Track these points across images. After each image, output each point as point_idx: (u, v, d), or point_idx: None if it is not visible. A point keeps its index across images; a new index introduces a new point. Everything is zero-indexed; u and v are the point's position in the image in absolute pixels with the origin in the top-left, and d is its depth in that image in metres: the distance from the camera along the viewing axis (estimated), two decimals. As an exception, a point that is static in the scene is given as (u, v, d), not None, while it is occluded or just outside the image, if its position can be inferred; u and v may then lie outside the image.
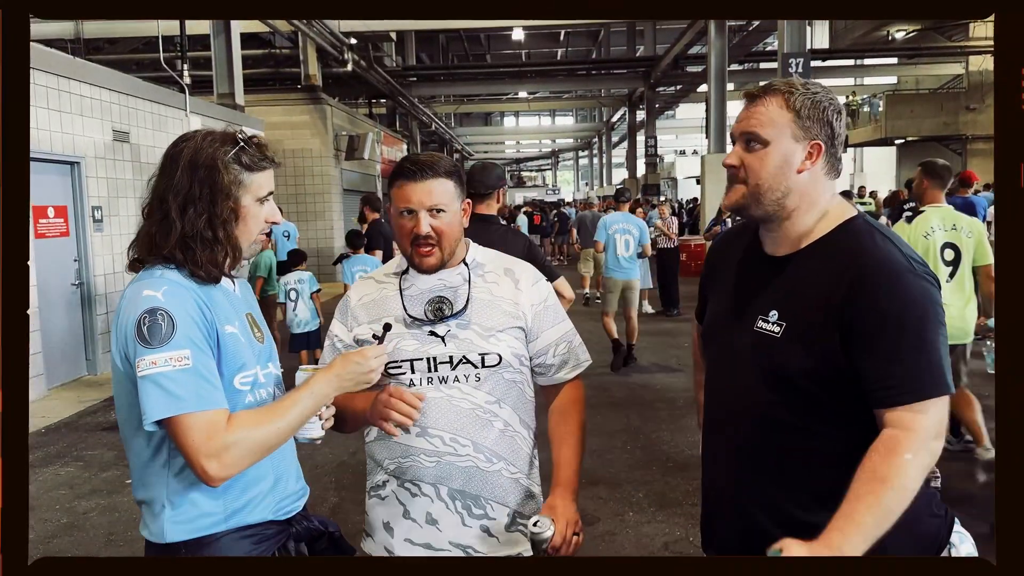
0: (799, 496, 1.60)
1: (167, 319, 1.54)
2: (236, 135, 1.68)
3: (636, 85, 27.01)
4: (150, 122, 9.84)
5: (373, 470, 2.02)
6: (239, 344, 1.67)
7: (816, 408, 1.59)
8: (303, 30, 14.42)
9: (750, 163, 1.63)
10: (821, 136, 1.61)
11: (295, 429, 1.65)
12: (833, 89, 1.67)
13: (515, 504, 1.95)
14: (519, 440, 1.96)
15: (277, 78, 18.19)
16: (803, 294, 1.60)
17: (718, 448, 1.78)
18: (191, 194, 1.62)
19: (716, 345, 1.82)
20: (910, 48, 24.55)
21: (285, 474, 1.76)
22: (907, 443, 1.47)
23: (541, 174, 63.27)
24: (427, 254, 1.91)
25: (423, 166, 1.89)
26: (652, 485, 4.87)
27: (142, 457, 1.64)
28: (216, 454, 1.50)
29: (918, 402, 1.49)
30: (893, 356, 1.50)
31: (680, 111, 40.25)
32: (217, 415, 1.53)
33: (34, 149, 7.48)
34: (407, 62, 25.59)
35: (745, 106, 1.67)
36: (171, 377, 1.51)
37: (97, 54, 16.30)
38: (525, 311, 1.96)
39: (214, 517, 1.63)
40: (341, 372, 1.70)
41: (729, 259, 1.83)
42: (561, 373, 2.02)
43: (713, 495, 1.82)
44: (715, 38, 16.81)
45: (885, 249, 1.57)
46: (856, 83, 29.65)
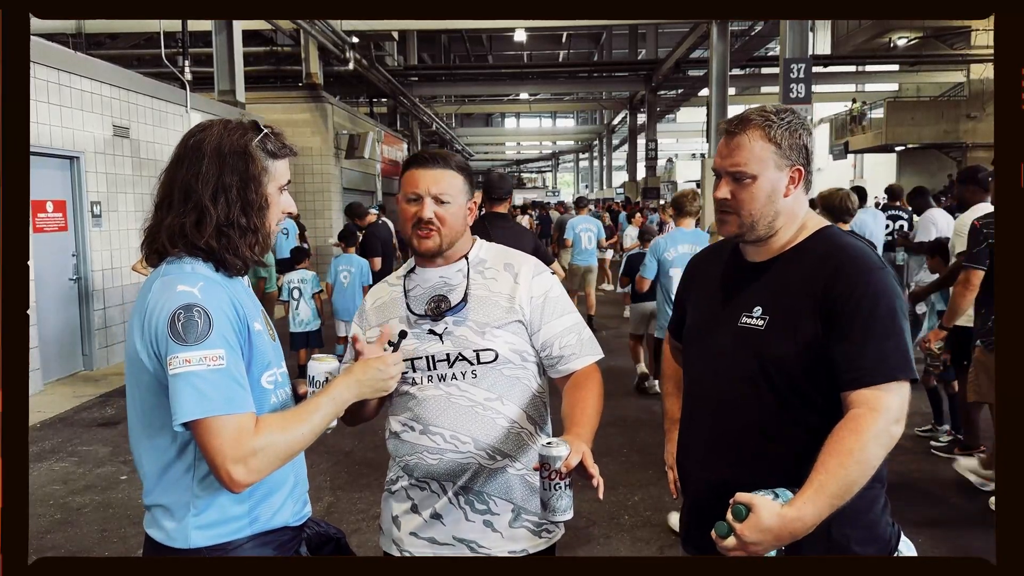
0: (774, 485, 1.62)
1: (204, 316, 1.49)
2: (257, 123, 1.65)
3: (637, 88, 27.02)
4: (150, 118, 9.83)
5: (391, 465, 2.06)
6: (265, 342, 1.64)
7: (796, 398, 1.69)
8: (305, 28, 14.41)
9: (742, 197, 1.74)
10: (800, 160, 1.75)
11: (318, 435, 1.62)
12: (834, 95, 1.69)
13: (520, 500, 1.94)
14: (525, 436, 1.94)
15: (278, 76, 18.17)
16: (786, 289, 1.73)
17: (695, 442, 1.87)
18: (222, 182, 1.57)
19: (697, 347, 1.91)
20: (911, 55, 24.57)
21: (301, 478, 1.76)
22: (872, 421, 1.58)
23: (541, 176, 63.27)
24: (426, 236, 1.91)
25: (435, 156, 1.93)
26: (648, 489, 4.86)
27: (164, 458, 1.58)
28: (243, 459, 1.46)
29: (885, 383, 1.61)
30: (864, 341, 1.62)
31: (681, 115, 40.28)
32: (246, 419, 1.49)
33: (34, 143, 7.47)
34: (409, 62, 25.61)
35: (724, 141, 1.78)
36: (204, 377, 1.46)
37: (99, 49, 16.27)
38: (523, 304, 1.94)
39: (239, 522, 1.60)
40: (362, 378, 1.69)
41: (709, 271, 1.94)
42: (571, 364, 1.97)
43: (688, 486, 1.91)
44: (717, 42, 16.80)
45: (860, 247, 1.74)
46: (857, 89, 29.68)
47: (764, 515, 1.50)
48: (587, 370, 1.97)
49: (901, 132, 24.78)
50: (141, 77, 9.98)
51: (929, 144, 25.38)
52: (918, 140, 25.16)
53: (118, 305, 9.11)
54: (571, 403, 1.91)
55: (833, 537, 1.65)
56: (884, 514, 1.76)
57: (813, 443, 1.60)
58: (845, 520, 1.63)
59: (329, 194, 16.58)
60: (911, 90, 29.16)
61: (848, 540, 1.68)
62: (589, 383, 1.94)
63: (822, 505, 1.52)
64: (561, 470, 1.63)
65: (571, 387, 1.95)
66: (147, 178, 9.66)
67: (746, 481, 1.64)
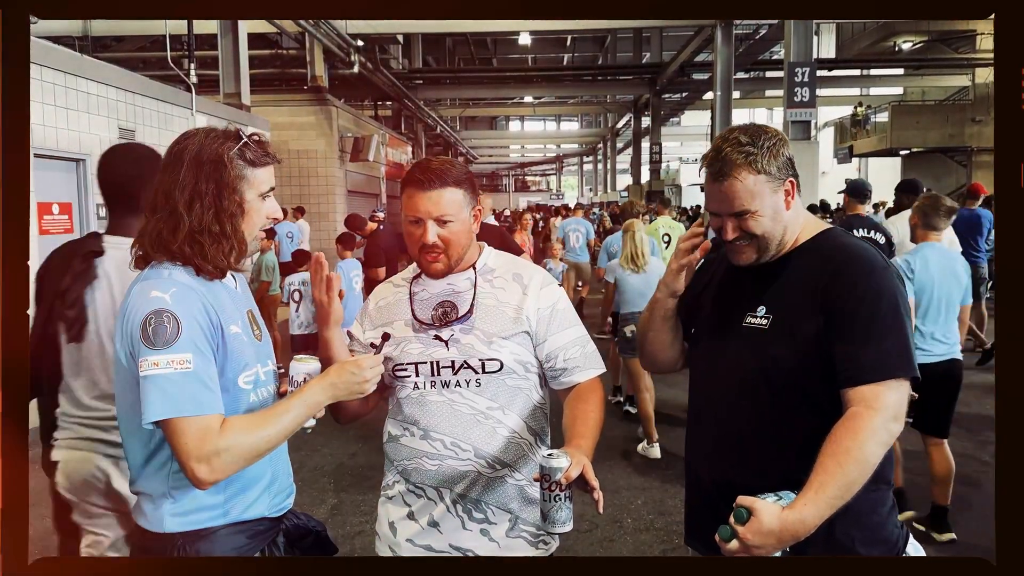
0: (778, 485, 1.64)
1: (173, 321, 1.55)
2: (239, 131, 1.70)
3: (642, 91, 27.02)
4: (156, 120, 9.85)
5: (388, 470, 2.05)
6: (242, 344, 1.70)
7: (799, 398, 1.70)
8: (310, 31, 14.44)
9: (750, 227, 1.77)
10: (789, 173, 1.78)
11: (287, 436, 1.67)
12: (839, 99, 1.70)
13: (517, 510, 1.94)
14: (526, 447, 1.95)
15: (283, 79, 18.20)
16: (789, 288, 1.76)
17: (703, 439, 1.89)
18: (197, 189, 1.63)
19: (703, 347, 1.93)
20: (916, 59, 24.54)
21: (280, 472, 1.81)
22: (869, 419, 1.59)
23: (545, 179, 63.29)
24: (433, 260, 1.93)
25: (432, 175, 1.88)
26: (650, 492, 4.86)
27: (142, 453, 1.66)
28: (207, 458, 1.53)
29: (883, 380, 1.62)
30: (864, 339, 1.64)
31: (685, 118, 40.26)
32: (211, 420, 1.55)
33: (40, 146, 7.50)
34: (413, 65, 25.61)
35: (713, 185, 1.78)
36: (171, 379, 1.53)
37: (104, 51, 16.33)
38: (530, 315, 1.94)
39: (213, 512, 1.66)
40: (336, 381, 1.72)
41: (714, 272, 1.95)
42: (574, 376, 1.97)
43: (696, 485, 1.92)
44: (722, 46, 16.82)
45: (862, 246, 1.78)
46: (862, 93, 29.64)
47: (765, 518, 1.52)
48: (590, 383, 1.98)
49: (906, 136, 24.71)
50: (147, 80, 10.00)
51: (934, 148, 25.30)
52: (923, 144, 25.09)
53: (123, 307, 9.12)
54: (573, 415, 1.91)
55: (837, 538, 1.66)
56: (891, 516, 1.76)
57: (817, 444, 1.60)
58: (850, 521, 1.65)
59: (333, 197, 16.60)
60: (916, 94, 29.12)
61: (853, 541, 1.70)
62: (591, 396, 1.95)
63: (823, 506, 1.54)
64: (561, 482, 1.63)
65: (573, 399, 1.96)
66: (152, 180, 9.69)
67: (751, 482, 1.66)
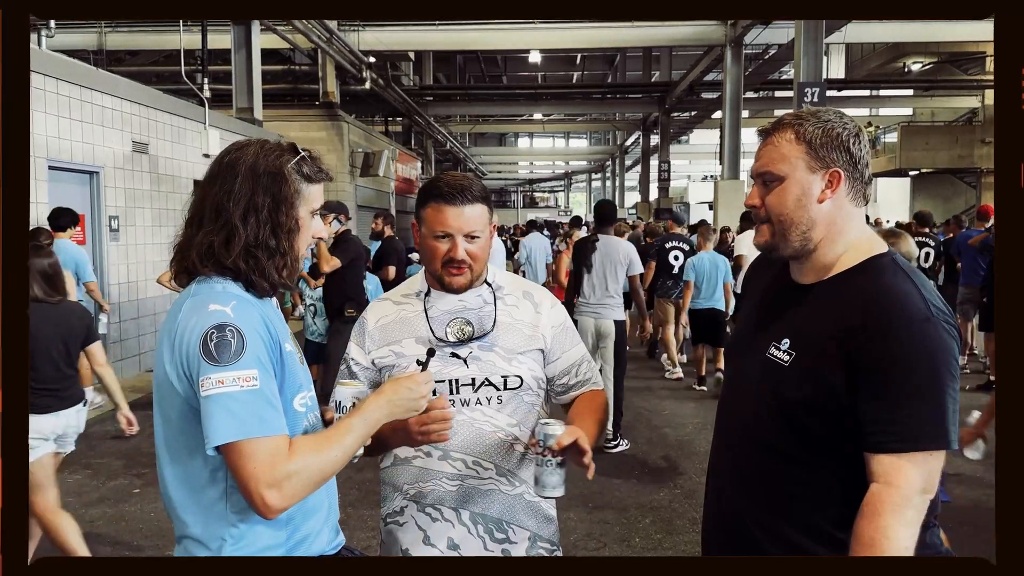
0: (797, 525, 1.59)
1: (237, 336, 1.44)
2: (295, 145, 1.62)
3: (651, 110, 27.09)
4: (169, 134, 9.93)
5: (390, 496, 1.99)
6: (296, 364, 1.60)
7: (814, 442, 1.56)
8: (323, 47, 14.56)
9: (769, 200, 1.62)
10: (839, 163, 1.57)
11: (351, 457, 1.57)
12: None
13: (534, 527, 1.95)
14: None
15: (295, 94, 18.35)
16: (816, 326, 1.57)
17: (723, 469, 1.78)
18: (253, 202, 1.54)
19: (733, 366, 1.84)
20: (926, 80, 24.56)
21: (335, 505, 1.71)
22: (888, 502, 1.43)
23: (554, 195, 63.38)
24: (458, 273, 1.90)
25: (461, 190, 1.87)
26: (659, 512, 4.84)
27: (194, 485, 1.52)
28: (278, 483, 1.40)
29: (910, 452, 1.45)
30: (895, 402, 1.45)
31: (694, 136, 40.33)
32: (280, 441, 1.44)
33: (54, 158, 7.57)
34: (424, 81, 25.76)
35: (760, 145, 1.67)
36: (237, 398, 1.41)
37: (119, 66, 16.48)
38: (545, 333, 1.97)
39: (277, 552, 1.54)
40: (393, 398, 1.62)
41: (759, 283, 1.83)
42: (583, 389, 2.05)
43: (714, 515, 1.81)
44: (731, 65, 16.85)
45: (904, 290, 1.52)
46: (872, 113, 29.66)
47: None
48: (596, 391, 2.07)
49: (915, 157, 24.72)
50: (160, 94, 10.09)
51: (943, 169, 25.30)
52: (932, 165, 25.09)
53: (133, 319, 9.17)
54: (578, 410, 1.98)
55: None
56: (933, 536, 1.67)
57: (837, 488, 1.53)
58: None
59: (343, 211, 16.67)
60: (925, 115, 29.13)
61: None
62: (598, 397, 2.04)
63: None
64: (553, 447, 1.70)
65: (579, 401, 2.03)
66: (165, 193, 9.76)
67: (762, 519, 1.61)
